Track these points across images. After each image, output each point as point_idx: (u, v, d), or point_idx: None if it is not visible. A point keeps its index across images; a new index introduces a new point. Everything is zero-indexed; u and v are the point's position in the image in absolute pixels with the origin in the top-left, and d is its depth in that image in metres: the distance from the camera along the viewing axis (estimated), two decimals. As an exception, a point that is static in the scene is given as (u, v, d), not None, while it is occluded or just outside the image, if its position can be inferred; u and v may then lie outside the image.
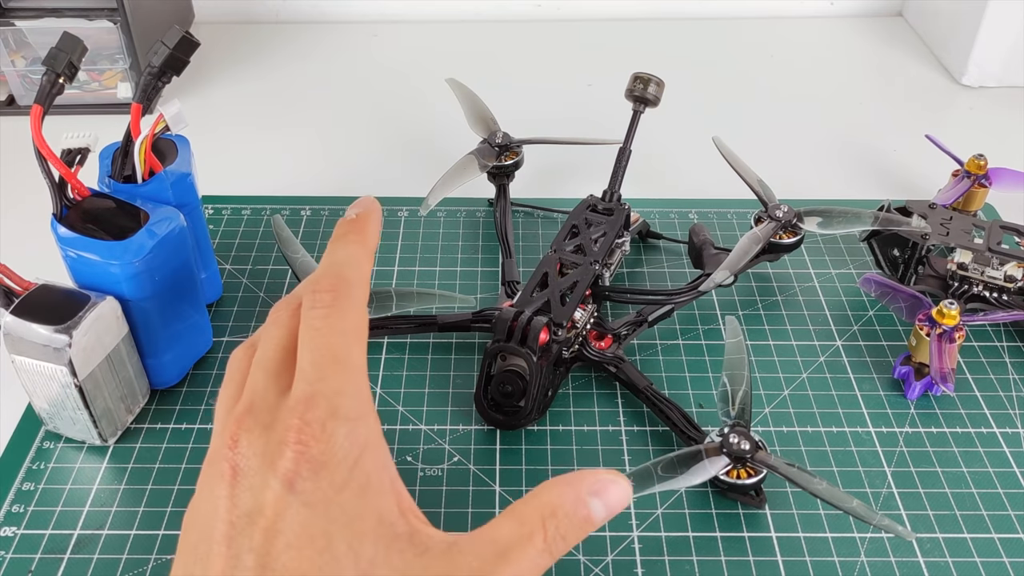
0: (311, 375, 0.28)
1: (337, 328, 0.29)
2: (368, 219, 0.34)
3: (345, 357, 0.29)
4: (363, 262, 0.32)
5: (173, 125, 0.44)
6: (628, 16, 0.86)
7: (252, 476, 0.27)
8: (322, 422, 0.27)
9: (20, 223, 0.60)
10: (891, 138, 0.69)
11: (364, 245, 0.33)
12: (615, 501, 0.29)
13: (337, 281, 0.30)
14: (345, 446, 0.27)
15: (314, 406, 0.27)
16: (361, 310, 0.31)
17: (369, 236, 0.34)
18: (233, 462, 0.28)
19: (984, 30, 0.73)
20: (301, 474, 0.26)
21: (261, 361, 0.30)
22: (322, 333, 0.29)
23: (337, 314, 0.30)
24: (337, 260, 0.32)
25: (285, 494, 0.26)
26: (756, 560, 0.40)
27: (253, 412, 0.28)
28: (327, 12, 0.85)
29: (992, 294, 0.50)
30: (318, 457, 0.27)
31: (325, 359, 0.28)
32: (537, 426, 0.46)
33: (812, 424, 0.46)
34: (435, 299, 0.50)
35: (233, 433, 0.28)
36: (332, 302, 0.30)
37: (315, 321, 0.29)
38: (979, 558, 0.40)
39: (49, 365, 0.41)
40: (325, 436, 0.27)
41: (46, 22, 0.68)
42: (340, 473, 0.27)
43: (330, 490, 0.27)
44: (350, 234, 0.33)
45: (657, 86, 0.54)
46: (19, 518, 0.42)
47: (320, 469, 0.27)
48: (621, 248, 0.52)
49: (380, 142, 0.69)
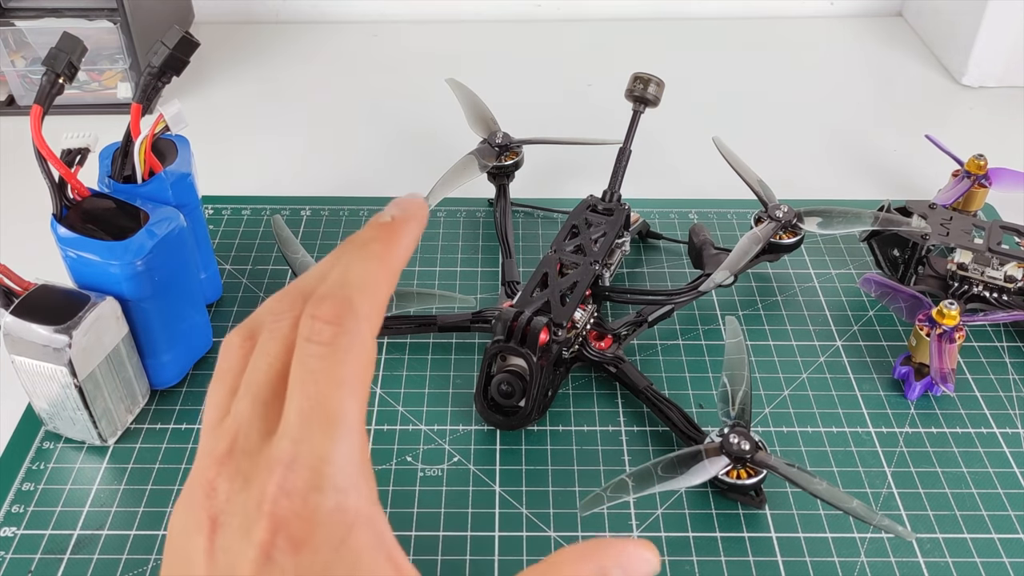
0: (297, 432, 0.24)
1: (334, 376, 0.25)
2: (404, 227, 0.28)
3: (338, 414, 0.25)
4: (381, 286, 0.26)
5: (173, 125, 0.44)
6: (628, 16, 0.86)
7: (230, 536, 0.24)
8: (303, 495, 0.24)
9: (20, 223, 0.60)
10: (891, 138, 0.69)
11: (388, 263, 0.27)
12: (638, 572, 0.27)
13: (343, 311, 0.25)
14: (330, 524, 0.24)
15: (295, 473, 0.24)
16: (366, 351, 0.26)
17: (398, 250, 0.27)
18: (211, 513, 0.25)
19: (984, 30, 0.73)
20: (279, 547, 0.23)
21: (251, 383, 0.26)
22: (316, 379, 0.25)
23: (336, 354, 0.25)
24: (350, 279, 0.26)
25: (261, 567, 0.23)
26: (756, 560, 0.40)
27: (234, 455, 0.25)
28: (327, 12, 0.85)
29: (992, 294, 0.50)
30: (297, 535, 0.23)
31: (315, 413, 0.24)
32: (537, 426, 0.46)
33: (812, 424, 0.46)
34: (435, 299, 0.50)
35: (212, 479, 0.25)
36: (332, 339, 0.25)
37: (310, 360, 0.25)
38: (979, 558, 0.40)
39: (49, 365, 0.41)
40: (307, 512, 0.24)
41: (46, 22, 0.68)
42: (324, 553, 0.24)
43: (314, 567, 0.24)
44: (375, 243, 0.27)
45: (657, 86, 0.54)
46: (19, 518, 0.42)
47: (300, 547, 0.23)
48: (621, 248, 0.52)
49: (380, 142, 0.69)
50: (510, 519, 0.42)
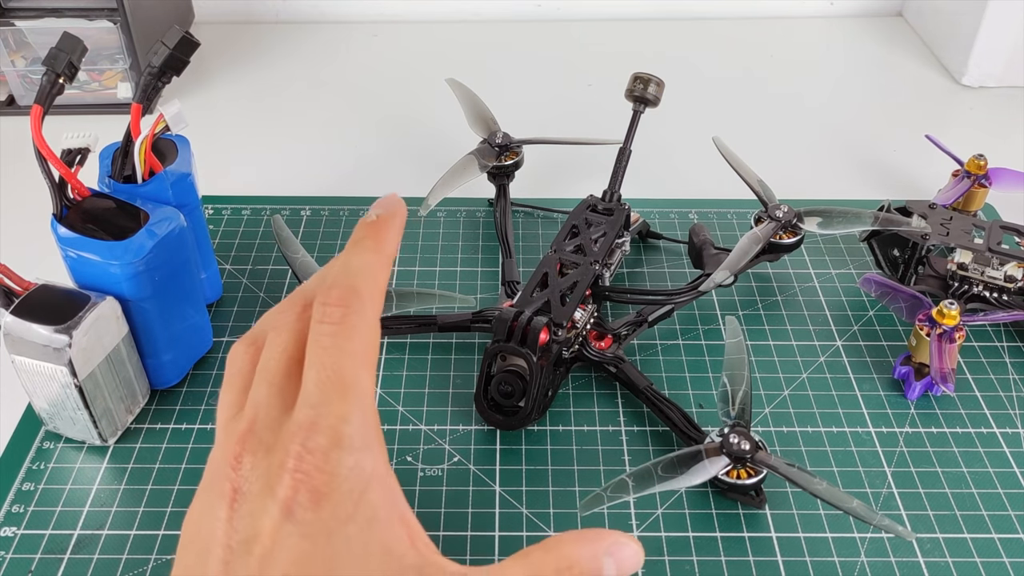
0: (316, 398, 0.27)
1: (346, 349, 0.28)
2: (389, 223, 0.32)
3: (352, 381, 0.27)
4: (378, 273, 0.30)
5: (173, 125, 0.44)
6: (628, 16, 0.86)
7: (252, 500, 0.26)
8: (325, 451, 0.26)
9: (20, 223, 0.60)
10: (891, 138, 0.69)
11: (381, 253, 0.31)
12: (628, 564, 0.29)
13: (349, 295, 0.28)
14: (350, 479, 0.26)
15: (317, 433, 0.26)
16: (373, 328, 0.29)
17: (387, 242, 0.31)
18: (235, 483, 0.27)
19: (984, 30, 0.73)
20: (300, 503, 0.25)
21: (265, 371, 0.29)
22: (330, 352, 0.27)
23: (347, 333, 0.28)
24: (351, 269, 0.30)
25: (283, 522, 0.25)
26: (756, 560, 0.40)
27: (255, 431, 0.27)
28: (327, 12, 0.85)
29: (992, 294, 0.50)
30: (320, 488, 0.26)
31: (331, 382, 0.27)
32: (537, 426, 0.46)
33: (812, 424, 0.46)
34: (435, 299, 0.50)
35: (236, 453, 0.27)
36: (342, 319, 0.28)
37: (323, 338, 0.28)
38: (979, 558, 0.40)
39: (49, 365, 0.41)
40: (328, 467, 0.26)
41: (46, 22, 0.68)
42: (344, 506, 0.26)
43: (333, 522, 0.26)
44: (367, 239, 0.31)
45: (657, 86, 0.54)
46: (19, 518, 0.42)
47: (322, 500, 0.26)
48: (621, 248, 0.52)
49: (380, 142, 0.69)
50: (510, 519, 0.42)
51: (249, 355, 0.30)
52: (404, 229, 0.32)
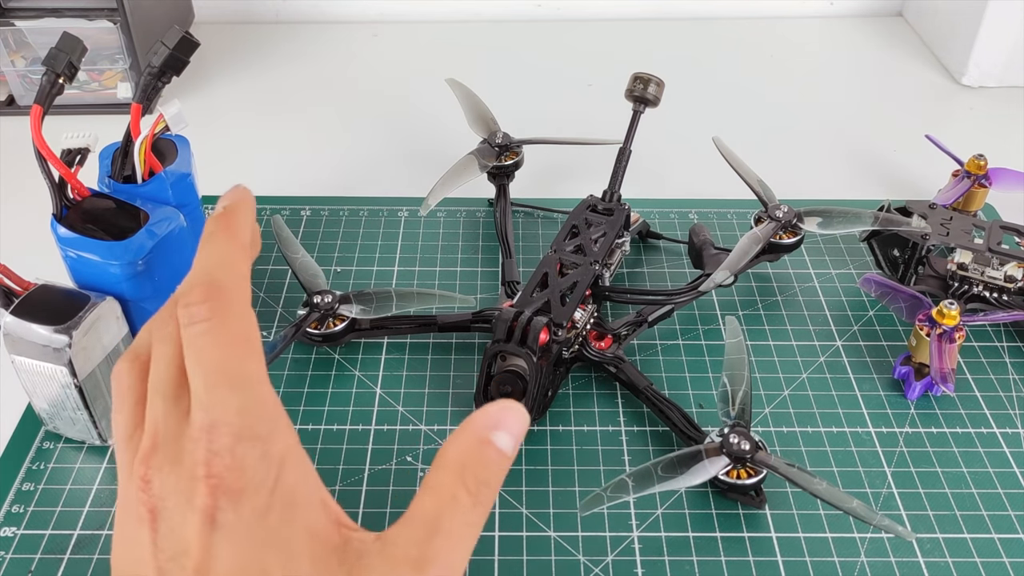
0: (206, 400, 0.26)
1: (222, 341, 0.27)
2: (235, 212, 0.31)
3: (237, 371, 0.26)
4: (236, 260, 0.29)
5: (173, 125, 0.44)
6: (628, 16, 0.86)
7: (171, 517, 0.26)
8: (230, 449, 0.25)
9: (20, 223, 0.60)
10: (891, 138, 0.69)
11: (234, 240, 0.30)
12: (516, 427, 0.29)
13: (209, 289, 0.27)
14: (260, 468, 0.25)
15: (217, 434, 0.25)
16: (245, 314, 0.28)
17: (239, 230, 0.30)
18: (150, 505, 0.26)
19: (984, 30, 0.73)
20: (220, 507, 0.25)
21: (157, 385, 0.28)
22: (207, 351, 0.26)
23: (218, 326, 0.27)
24: (207, 264, 0.28)
25: (208, 531, 0.25)
26: (756, 560, 0.40)
27: (159, 448, 0.27)
28: (327, 12, 0.85)
29: (992, 294, 0.50)
30: (234, 486, 0.25)
31: (217, 379, 0.26)
32: (537, 426, 0.46)
33: (812, 424, 0.46)
34: (435, 299, 0.50)
35: (143, 474, 0.26)
36: (209, 314, 0.27)
37: (196, 339, 0.27)
38: (979, 558, 0.40)
39: (49, 365, 0.40)
40: (236, 463, 0.25)
41: (46, 22, 0.68)
42: (261, 497, 0.25)
43: (253, 517, 0.25)
44: (217, 232, 0.30)
45: (657, 86, 0.54)
46: (19, 518, 0.42)
47: (239, 498, 0.25)
48: (621, 248, 0.52)
49: (380, 142, 0.69)
50: (510, 519, 0.42)
51: (135, 370, 0.29)
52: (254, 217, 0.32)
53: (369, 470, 0.44)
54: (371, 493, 0.43)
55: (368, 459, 0.44)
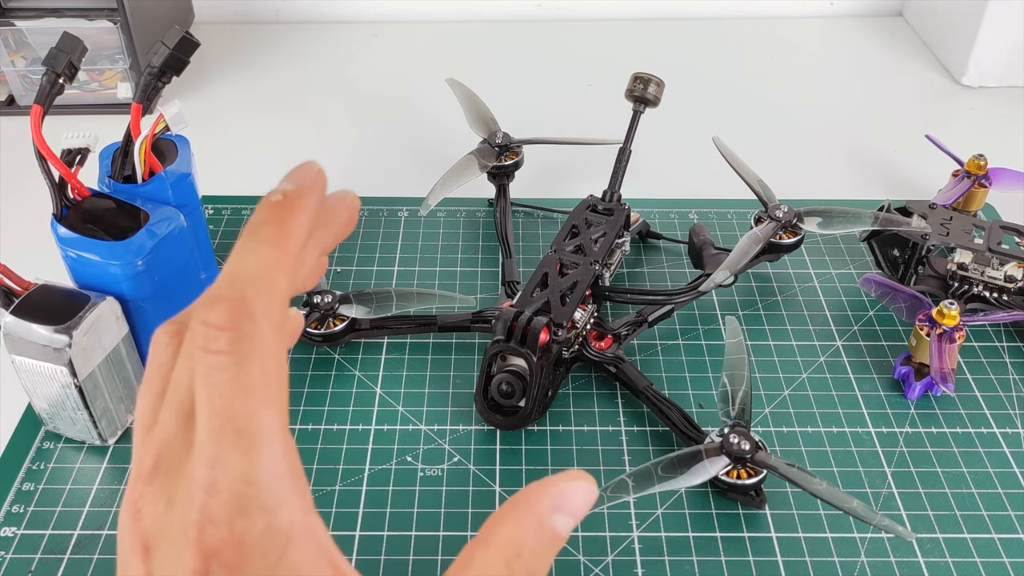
0: (210, 452, 0.22)
1: (240, 385, 0.22)
2: (297, 204, 0.24)
3: (251, 429, 0.22)
4: (277, 276, 0.23)
5: (173, 125, 0.44)
6: (628, 16, 0.86)
7: (162, 561, 0.23)
8: (229, 520, 0.22)
9: (20, 223, 0.60)
10: (891, 138, 0.69)
11: (282, 247, 0.23)
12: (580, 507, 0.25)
13: (235, 312, 0.22)
14: (263, 543, 0.22)
15: (216, 499, 0.22)
16: (270, 351, 0.23)
17: (294, 231, 0.24)
18: (142, 538, 0.24)
19: (984, 30, 0.73)
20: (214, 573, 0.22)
21: (174, 394, 0.24)
22: (220, 392, 0.22)
23: (235, 364, 0.22)
24: (241, 273, 0.23)
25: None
26: (756, 560, 0.40)
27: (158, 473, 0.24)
28: (327, 12, 0.85)
29: (992, 294, 0.50)
30: (230, 561, 0.22)
31: (225, 433, 0.22)
32: (537, 426, 0.46)
33: (812, 424, 0.46)
34: (435, 299, 0.50)
35: (134, 500, 0.24)
36: (229, 347, 0.22)
37: (210, 373, 0.22)
38: (979, 558, 0.40)
39: (49, 365, 0.40)
40: (235, 539, 0.22)
41: (46, 22, 0.68)
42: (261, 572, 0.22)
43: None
44: (265, 228, 0.24)
45: (657, 86, 0.54)
46: (19, 518, 0.42)
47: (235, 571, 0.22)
48: (621, 248, 0.52)
49: (380, 142, 0.69)
50: (510, 519, 0.42)
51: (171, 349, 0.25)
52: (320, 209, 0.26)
53: (369, 470, 0.44)
54: (371, 493, 0.43)
55: (368, 459, 0.44)
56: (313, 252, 0.26)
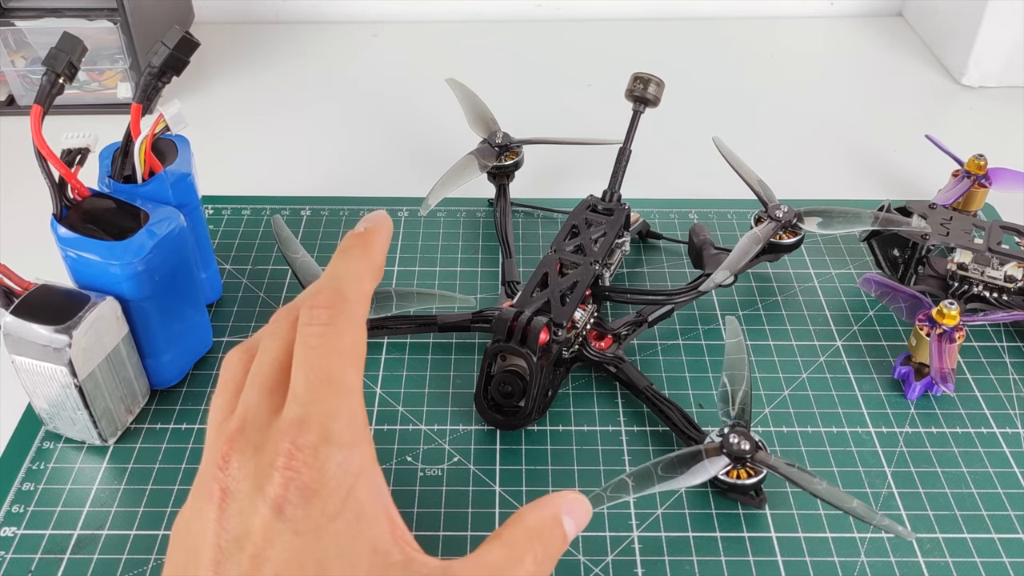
0: (304, 397, 0.27)
1: (333, 348, 0.28)
2: (376, 234, 0.33)
3: (340, 379, 0.28)
4: (365, 278, 0.31)
5: (173, 125, 0.44)
6: (628, 16, 0.86)
7: (241, 500, 0.26)
8: (314, 448, 0.26)
9: (20, 223, 0.60)
10: (891, 138, 0.69)
11: (368, 261, 0.32)
12: (582, 518, 0.32)
13: (335, 297, 0.29)
14: (339, 475, 0.26)
15: (306, 430, 0.26)
16: (359, 329, 0.29)
17: (375, 252, 0.32)
18: (223, 483, 0.27)
19: (984, 30, 0.73)
20: (290, 500, 0.26)
21: (256, 375, 0.29)
22: (317, 352, 0.28)
23: (334, 332, 0.28)
24: (339, 274, 0.30)
25: (274, 520, 0.26)
26: (756, 560, 0.40)
27: (245, 431, 0.28)
28: (327, 12, 0.85)
29: (992, 294, 0.50)
30: (310, 484, 0.26)
31: (319, 380, 0.27)
32: (537, 426, 0.46)
33: (812, 424, 0.46)
34: (435, 299, 0.50)
35: (224, 452, 0.27)
36: (329, 320, 0.28)
37: (311, 339, 0.28)
38: (979, 558, 0.40)
39: (49, 365, 0.41)
40: (317, 463, 0.26)
41: (46, 22, 0.68)
42: (333, 502, 0.26)
43: (322, 519, 0.26)
44: (355, 248, 0.32)
45: (657, 86, 0.54)
46: (19, 518, 0.42)
47: (312, 497, 0.26)
48: (621, 248, 0.52)
49: (380, 142, 0.69)
50: (510, 519, 0.42)
51: (243, 362, 0.31)
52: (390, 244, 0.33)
53: (369, 470, 0.44)
54: (371, 493, 0.43)
55: (368, 459, 0.44)
56: None
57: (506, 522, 0.30)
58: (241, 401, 0.29)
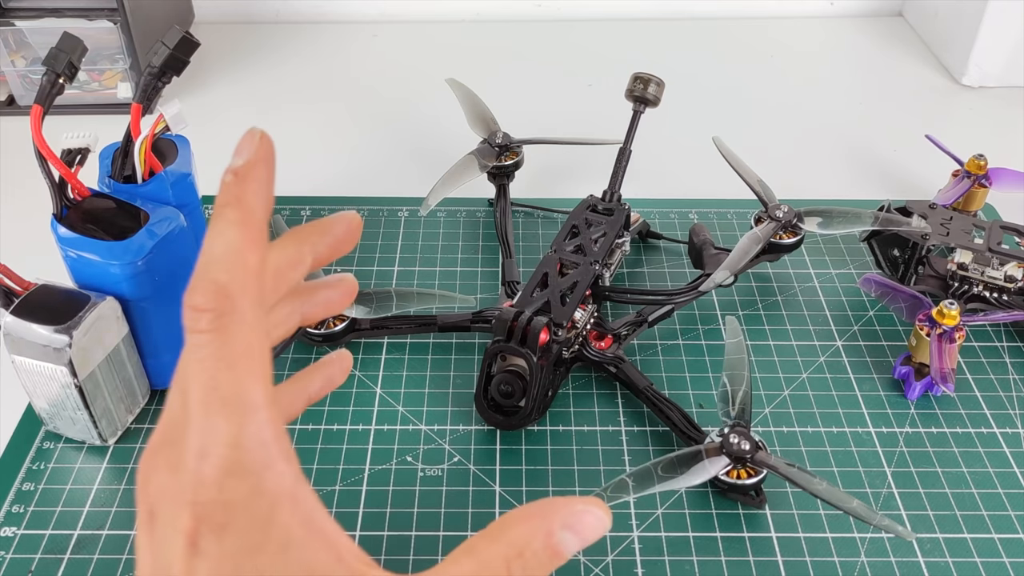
0: (200, 422, 0.24)
1: (223, 359, 0.24)
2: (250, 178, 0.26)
3: (235, 396, 0.24)
4: (245, 252, 0.25)
5: (173, 125, 0.44)
6: (628, 16, 0.86)
7: (163, 527, 0.24)
8: (218, 482, 0.23)
9: (20, 223, 0.60)
10: (891, 138, 0.69)
11: (245, 224, 0.25)
12: (590, 532, 0.26)
13: (211, 294, 0.24)
14: (249, 506, 0.24)
15: (206, 462, 0.24)
16: (249, 326, 0.24)
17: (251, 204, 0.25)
18: (148, 506, 0.25)
19: (984, 30, 0.73)
20: (203, 535, 0.23)
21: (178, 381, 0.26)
22: (205, 367, 0.24)
23: (219, 340, 0.24)
24: (212, 258, 0.25)
25: (191, 557, 0.23)
26: (756, 560, 0.40)
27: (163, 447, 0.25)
28: (327, 12, 0.85)
29: (992, 294, 0.50)
30: (218, 520, 0.23)
31: (211, 402, 0.24)
32: (537, 426, 0.46)
33: (812, 424, 0.46)
34: (435, 299, 0.50)
35: (143, 470, 0.25)
36: (210, 325, 0.24)
37: (197, 351, 0.24)
38: (979, 558, 0.40)
39: (49, 365, 0.40)
40: (223, 497, 0.23)
41: (46, 22, 0.68)
42: (251, 535, 0.24)
43: (239, 555, 0.23)
44: (227, 209, 0.25)
45: (657, 86, 0.54)
46: (19, 518, 0.42)
47: (223, 532, 0.23)
48: (621, 248, 0.52)
49: (380, 142, 0.69)
50: (510, 519, 0.42)
51: None
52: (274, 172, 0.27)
53: (369, 470, 0.44)
54: (371, 493, 0.43)
55: (368, 459, 0.44)
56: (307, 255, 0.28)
57: (488, 527, 0.26)
58: (165, 408, 0.26)
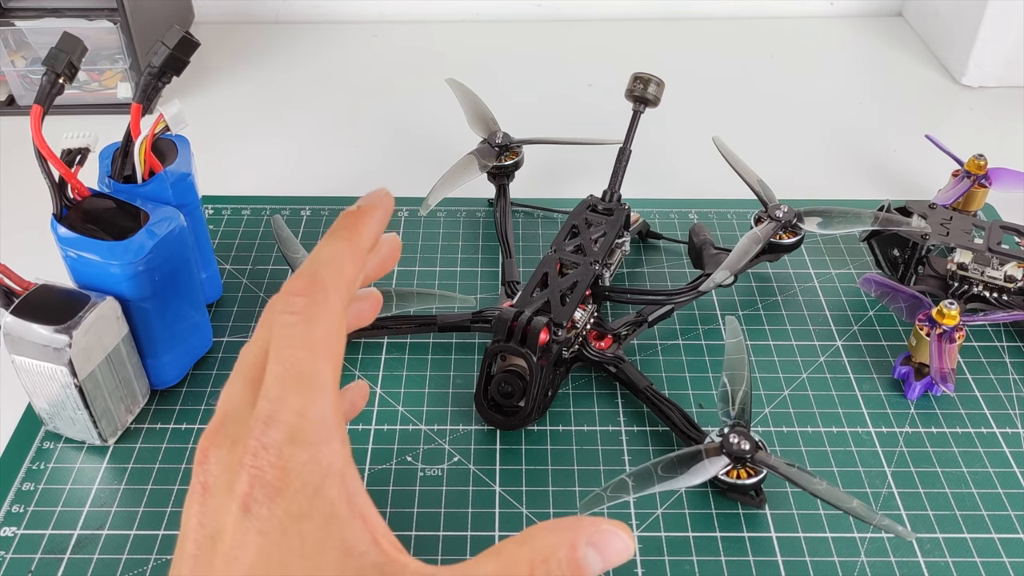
0: (273, 392, 0.26)
1: (305, 339, 0.27)
2: (367, 213, 0.31)
3: (310, 374, 0.26)
4: (346, 262, 0.29)
5: (173, 125, 0.44)
6: (628, 16, 0.86)
7: (217, 495, 0.26)
8: (279, 447, 0.25)
9: (20, 223, 0.60)
10: (891, 138, 0.69)
11: (353, 243, 0.30)
12: (614, 554, 0.27)
13: (312, 284, 0.28)
14: (303, 474, 0.25)
15: (272, 427, 0.26)
16: (335, 319, 0.28)
17: (362, 233, 0.30)
18: (203, 479, 0.27)
19: (984, 30, 0.73)
20: (256, 499, 0.25)
21: (242, 367, 0.28)
22: (289, 343, 0.27)
23: (307, 323, 0.27)
24: (318, 259, 0.29)
25: (242, 519, 0.25)
26: (756, 560, 0.40)
27: (225, 425, 0.27)
28: (327, 12, 0.85)
29: (992, 294, 0.50)
30: (274, 483, 0.25)
31: (288, 375, 0.26)
32: (537, 426, 0.46)
33: (812, 424, 0.46)
34: (435, 299, 0.50)
35: (204, 447, 0.27)
36: (303, 308, 0.27)
37: (283, 329, 0.27)
38: (979, 558, 0.40)
39: (49, 365, 0.41)
40: (281, 462, 0.25)
41: (46, 22, 0.68)
42: (299, 502, 0.25)
43: (287, 519, 0.25)
44: (341, 229, 0.30)
45: (657, 86, 0.54)
46: (19, 518, 0.42)
47: (275, 496, 0.25)
48: (621, 248, 0.52)
49: (380, 142, 0.69)
50: (510, 519, 0.42)
51: None
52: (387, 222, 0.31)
53: (369, 470, 0.44)
54: (371, 493, 0.42)
55: (368, 459, 0.44)
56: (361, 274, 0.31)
57: (516, 536, 0.27)
58: (225, 392, 0.28)
